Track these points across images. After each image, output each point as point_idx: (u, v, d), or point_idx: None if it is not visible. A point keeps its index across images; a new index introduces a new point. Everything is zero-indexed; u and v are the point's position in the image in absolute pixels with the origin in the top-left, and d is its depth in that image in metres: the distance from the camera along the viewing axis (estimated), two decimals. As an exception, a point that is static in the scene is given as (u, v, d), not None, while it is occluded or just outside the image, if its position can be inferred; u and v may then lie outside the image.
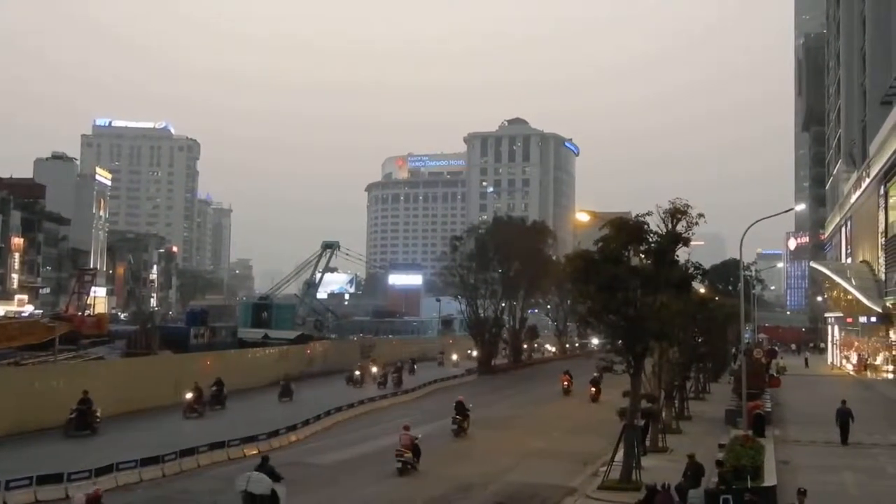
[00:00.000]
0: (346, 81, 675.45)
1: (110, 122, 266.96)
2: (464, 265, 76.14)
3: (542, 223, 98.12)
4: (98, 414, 34.82)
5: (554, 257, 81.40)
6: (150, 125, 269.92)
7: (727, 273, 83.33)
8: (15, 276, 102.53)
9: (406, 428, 28.63)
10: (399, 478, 27.01)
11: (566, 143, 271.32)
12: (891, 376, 60.68)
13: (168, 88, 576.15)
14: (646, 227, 26.66)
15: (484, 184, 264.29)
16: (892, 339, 61.45)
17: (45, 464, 25.08)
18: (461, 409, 36.24)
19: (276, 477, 20.87)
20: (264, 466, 21.27)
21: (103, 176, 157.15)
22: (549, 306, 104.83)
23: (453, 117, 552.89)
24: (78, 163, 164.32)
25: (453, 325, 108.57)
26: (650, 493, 20.81)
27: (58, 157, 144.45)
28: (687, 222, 27.05)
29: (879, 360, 67.22)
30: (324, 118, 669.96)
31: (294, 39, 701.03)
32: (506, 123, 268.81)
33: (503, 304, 78.89)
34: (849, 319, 73.80)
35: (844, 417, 33.43)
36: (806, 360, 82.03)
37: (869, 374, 65.91)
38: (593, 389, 49.39)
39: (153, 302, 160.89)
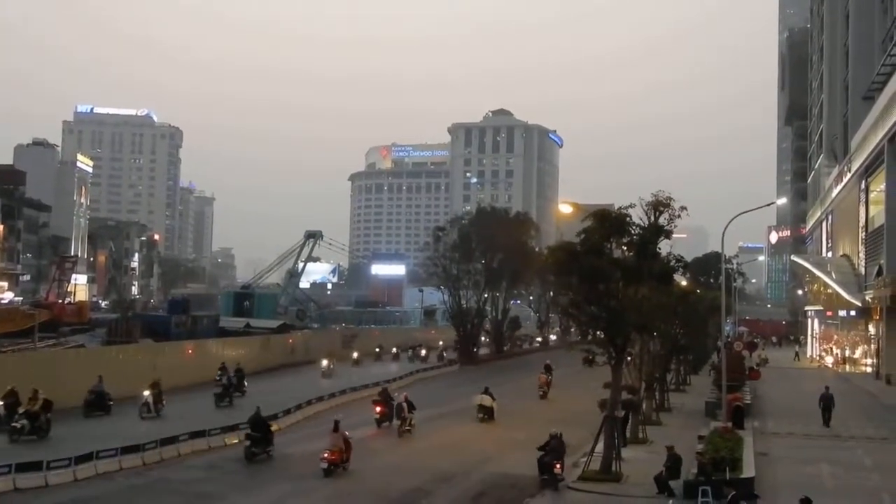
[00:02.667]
0: (330, 70, 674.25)
1: (92, 109, 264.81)
2: (447, 256, 76.13)
3: (525, 214, 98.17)
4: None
5: (537, 249, 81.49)
6: (132, 112, 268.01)
7: (709, 266, 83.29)
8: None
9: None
10: (377, 468, 27.06)
11: (550, 135, 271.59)
12: (869, 370, 61.15)
13: (152, 75, 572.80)
14: (628, 219, 26.75)
15: (468, 174, 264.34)
16: (871, 332, 61.91)
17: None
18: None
19: None
20: None
21: (85, 163, 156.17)
22: (531, 297, 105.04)
23: (438, 107, 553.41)
24: (59, 149, 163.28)
25: (436, 315, 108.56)
26: (550, 439, 25.17)
27: (39, 144, 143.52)
28: (669, 215, 27.21)
29: (858, 353, 67.77)
30: (307, 107, 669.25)
31: (279, 28, 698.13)
32: (490, 114, 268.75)
33: (486, 295, 78.99)
34: (829, 313, 74.29)
35: (827, 402, 36.46)
36: (797, 353, 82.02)
37: (847, 367, 66.40)
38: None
39: (134, 290, 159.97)
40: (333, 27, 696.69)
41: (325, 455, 25.42)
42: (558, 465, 24.80)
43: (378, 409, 35.28)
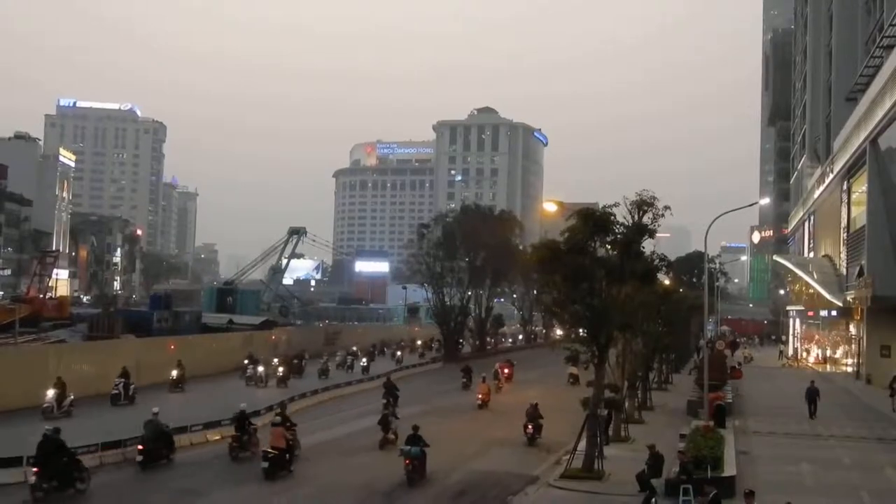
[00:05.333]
0: (315, 64, 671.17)
1: (75, 103, 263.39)
2: (431, 253, 76.21)
3: (509, 212, 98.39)
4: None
5: (521, 247, 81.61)
6: (115, 106, 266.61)
7: (692, 265, 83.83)
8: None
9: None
10: (364, 464, 27.04)
11: (535, 133, 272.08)
12: (850, 370, 61.55)
13: (135, 68, 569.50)
14: (612, 218, 26.79)
15: (452, 172, 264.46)
16: (852, 333, 62.32)
17: None
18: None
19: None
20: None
21: (67, 157, 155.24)
22: (514, 295, 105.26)
23: (422, 102, 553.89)
24: (41, 143, 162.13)
25: (419, 313, 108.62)
26: (530, 407, 30.59)
27: (20, 137, 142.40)
28: (653, 214, 27.29)
29: (839, 353, 68.22)
30: (292, 101, 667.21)
31: (264, 23, 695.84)
32: (475, 112, 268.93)
33: (469, 293, 79.08)
34: (810, 313, 74.75)
35: (812, 395, 38.80)
36: (781, 352, 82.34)
37: (828, 367, 66.81)
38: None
39: (116, 285, 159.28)
40: (319, 22, 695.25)
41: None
42: (531, 427, 30.71)
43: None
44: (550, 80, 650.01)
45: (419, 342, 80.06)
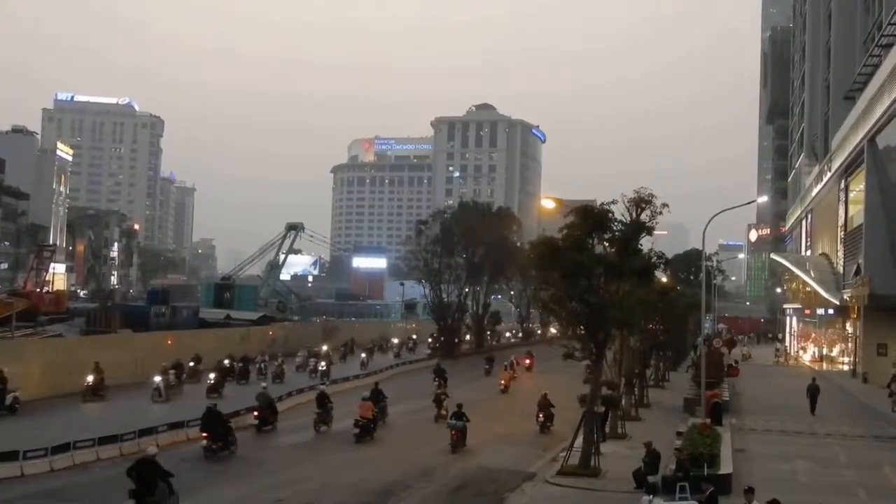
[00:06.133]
0: (314, 60, 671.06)
1: (72, 97, 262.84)
2: (428, 250, 76.12)
3: (507, 209, 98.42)
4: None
5: (518, 244, 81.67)
6: (113, 101, 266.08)
7: (689, 263, 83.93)
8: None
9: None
10: (359, 458, 27.08)
11: (533, 130, 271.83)
12: (846, 368, 61.62)
13: (133, 62, 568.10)
14: (610, 215, 26.80)
15: (450, 169, 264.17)
16: (849, 331, 62.39)
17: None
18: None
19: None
20: None
21: (64, 151, 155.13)
22: (512, 292, 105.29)
23: (421, 97, 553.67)
24: (39, 137, 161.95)
25: (417, 309, 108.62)
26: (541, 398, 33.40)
27: (18, 131, 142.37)
28: (651, 212, 27.27)
29: (835, 352, 68.29)
30: (290, 97, 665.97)
31: (263, 18, 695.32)
32: (473, 109, 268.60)
33: (467, 290, 79.08)
34: (807, 311, 74.83)
35: (813, 392, 39.38)
36: (777, 350, 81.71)
37: (825, 365, 66.88)
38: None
39: (113, 280, 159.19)
40: (318, 17, 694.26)
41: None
42: (542, 416, 33.41)
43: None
44: (549, 77, 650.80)
45: (395, 340, 76.59)
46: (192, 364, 45.72)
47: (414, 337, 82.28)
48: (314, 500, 22.29)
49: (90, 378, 37.39)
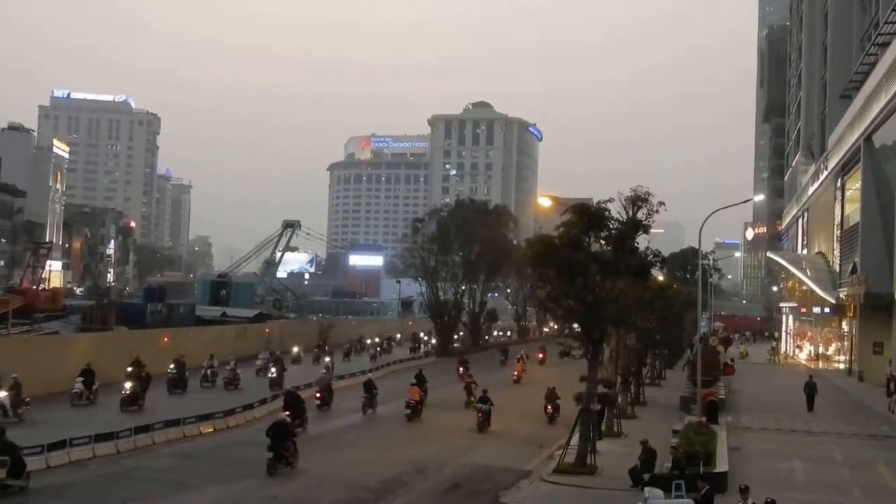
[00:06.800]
0: (311, 57, 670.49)
1: (69, 94, 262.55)
2: (425, 247, 76.19)
3: (504, 207, 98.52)
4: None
5: (515, 242, 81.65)
6: (109, 98, 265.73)
7: (685, 261, 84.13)
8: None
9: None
10: (355, 458, 27.12)
11: (530, 128, 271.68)
12: (842, 367, 61.73)
13: (130, 58, 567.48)
14: (607, 213, 26.78)
15: (447, 167, 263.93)
16: (845, 330, 62.50)
17: None
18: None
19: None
20: None
21: (61, 148, 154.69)
22: (508, 290, 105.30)
23: (418, 97, 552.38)
24: (35, 134, 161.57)
25: (413, 307, 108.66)
26: (548, 391, 36.05)
27: (14, 128, 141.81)
28: (647, 210, 27.24)
29: (831, 350, 68.42)
30: (287, 94, 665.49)
31: (259, 14, 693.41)
32: (470, 106, 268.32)
33: (463, 288, 79.09)
34: (803, 309, 74.94)
35: (811, 389, 40.26)
36: (773, 348, 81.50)
37: (821, 364, 67.00)
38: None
39: (110, 277, 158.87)
40: (315, 14, 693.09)
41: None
42: (550, 407, 35.88)
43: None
44: (546, 75, 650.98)
45: (375, 339, 74.48)
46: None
47: (398, 336, 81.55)
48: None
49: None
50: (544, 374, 47.90)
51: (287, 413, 28.80)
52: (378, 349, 68.15)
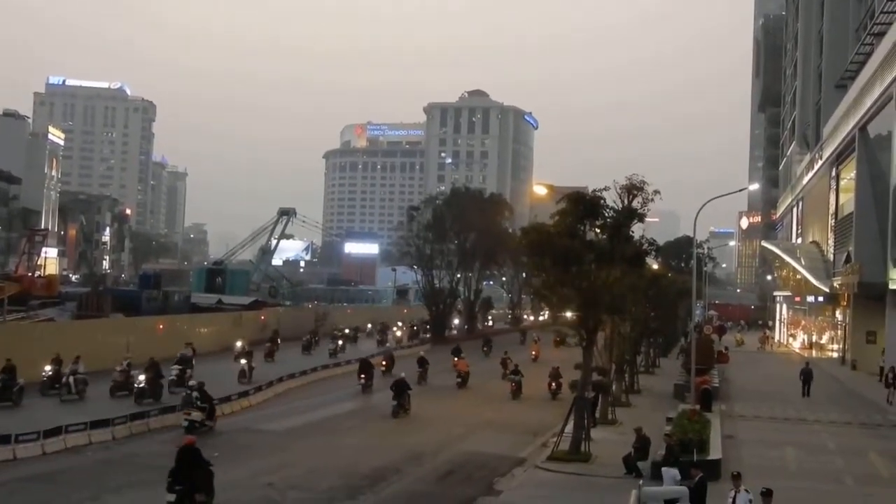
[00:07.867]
0: (306, 45, 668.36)
1: (64, 81, 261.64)
2: (420, 235, 76.30)
3: (499, 195, 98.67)
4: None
5: (510, 230, 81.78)
6: (104, 85, 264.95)
7: (680, 250, 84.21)
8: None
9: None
10: (349, 445, 27.24)
11: (525, 117, 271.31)
12: (835, 355, 61.95)
13: (127, 44, 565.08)
14: (602, 202, 26.83)
15: (442, 155, 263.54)
16: (838, 319, 62.69)
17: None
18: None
19: None
20: None
21: (56, 135, 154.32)
22: (504, 278, 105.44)
23: (413, 85, 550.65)
24: (30, 121, 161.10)
25: (408, 294, 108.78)
26: (552, 370, 40.37)
27: (9, 115, 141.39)
28: (643, 198, 27.31)
29: (825, 339, 68.64)
30: (283, 82, 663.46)
31: (256, 1, 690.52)
32: (466, 95, 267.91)
33: (458, 276, 79.22)
34: (797, 298, 75.14)
35: (807, 375, 41.54)
36: (767, 336, 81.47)
37: (814, 353, 67.23)
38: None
39: (105, 264, 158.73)
40: (309, 0, 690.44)
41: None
42: (553, 384, 39.82)
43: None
44: (541, 64, 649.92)
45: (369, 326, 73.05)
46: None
47: (369, 326, 73.75)
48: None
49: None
50: (559, 355, 48.71)
51: (363, 376, 39.30)
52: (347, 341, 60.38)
